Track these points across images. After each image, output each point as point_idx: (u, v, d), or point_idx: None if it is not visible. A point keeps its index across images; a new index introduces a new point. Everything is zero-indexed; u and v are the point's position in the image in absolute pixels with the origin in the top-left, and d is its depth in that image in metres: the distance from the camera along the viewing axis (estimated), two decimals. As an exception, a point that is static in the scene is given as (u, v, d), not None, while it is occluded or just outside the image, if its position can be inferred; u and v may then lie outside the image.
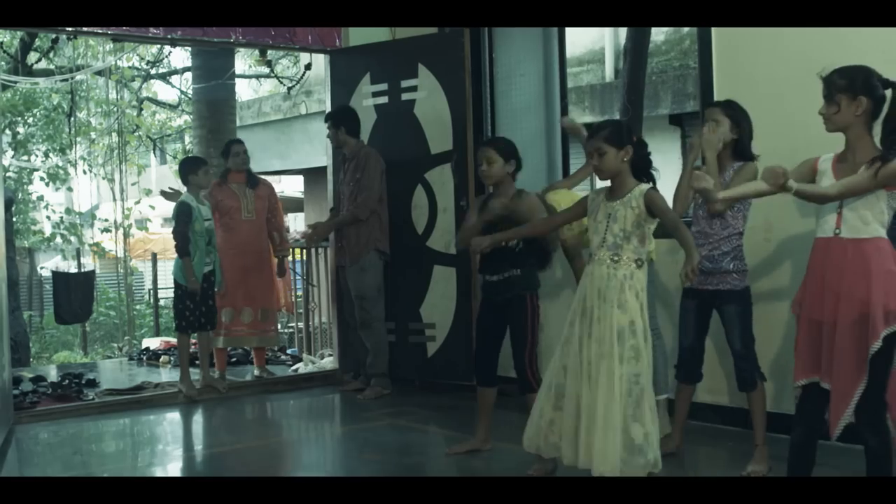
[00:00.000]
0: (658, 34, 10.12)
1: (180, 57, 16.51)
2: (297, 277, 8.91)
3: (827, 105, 3.39)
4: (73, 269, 11.92)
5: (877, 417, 3.33)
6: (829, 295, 3.35)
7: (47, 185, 15.11)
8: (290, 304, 8.08)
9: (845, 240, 3.34)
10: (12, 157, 14.63)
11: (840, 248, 3.35)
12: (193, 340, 6.61)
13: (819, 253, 3.43)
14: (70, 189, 15.68)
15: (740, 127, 4.31)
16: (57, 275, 10.44)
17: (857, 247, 3.32)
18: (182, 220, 6.30)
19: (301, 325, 8.71)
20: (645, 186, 3.85)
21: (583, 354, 3.83)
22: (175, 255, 6.46)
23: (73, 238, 14.54)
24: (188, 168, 6.53)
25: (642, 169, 3.92)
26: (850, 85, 3.34)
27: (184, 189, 6.55)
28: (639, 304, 3.81)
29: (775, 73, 4.86)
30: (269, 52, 7.73)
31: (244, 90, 19.21)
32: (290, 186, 18.66)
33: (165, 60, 15.70)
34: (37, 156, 15.46)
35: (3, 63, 12.05)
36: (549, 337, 5.22)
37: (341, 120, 6.45)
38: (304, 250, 8.41)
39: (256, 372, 7.05)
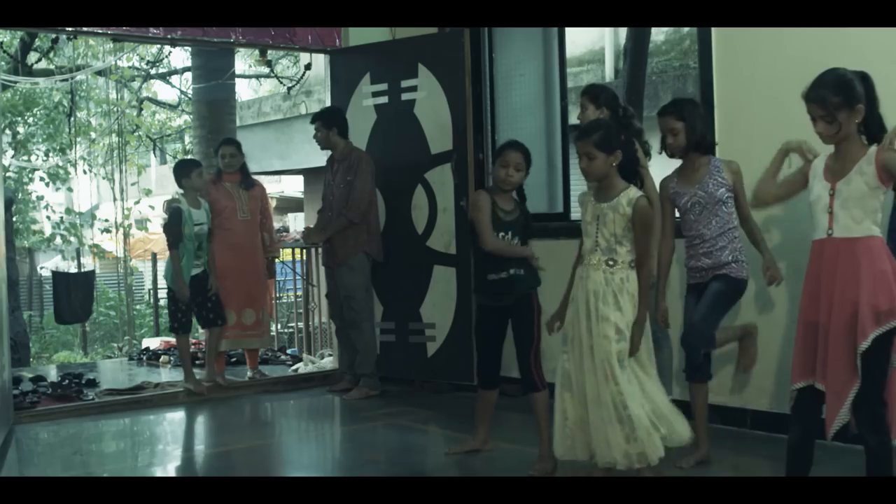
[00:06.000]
0: (658, 34, 10.11)
1: (180, 57, 16.51)
2: (298, 277, 8.93)
3: (828, 125, 3.32)
4: (73, 269, 11.93)
5: (875, 417, 3.33)
6: (824, 296, 3.36)
7: (47, 185, 15.11)
8: (271, 307, 8.07)
9: (837, 240, 3.34)
10: (12, 157, 14.63)
11: (833, 248, 3.35)
12: (194, 340, 6.60)
13: (815, 255, 3.44)
14: (70, 189, 15.68)
15: (693, 125, 4.33)
16: (57, 275, 10.45)
17: (848, 246, 3.32)
18: (172, 221, 6.31)
19: (301, 325, 8.72)
20: (634, 194, 3.87)
21: (586, 354, 3.84)
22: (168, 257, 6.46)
23: (73, 238, 14.54)
24: (181, 171, 6.48)
25: (630, 170, 3.94)
26: (846, 99, 3.30)
27: (179, 192, 6.56)
28: (632, 306, 3.85)
29: (775, 74, 4.86)
30: (269, 52, 7.71)
31: (244, 90, 19.24)
32: (290, 186, 18.66)
33: (165, 60, 15.71)
34: (37, 156, 15.46)
35: (3, 63, 12.04)
36: (549, 337, 5.20)
37: (333, 121, 6.39)
38: (304, 250, 8.41)
39: (249, 374, 7.04)
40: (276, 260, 7.49)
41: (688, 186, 4.39)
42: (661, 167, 4.57)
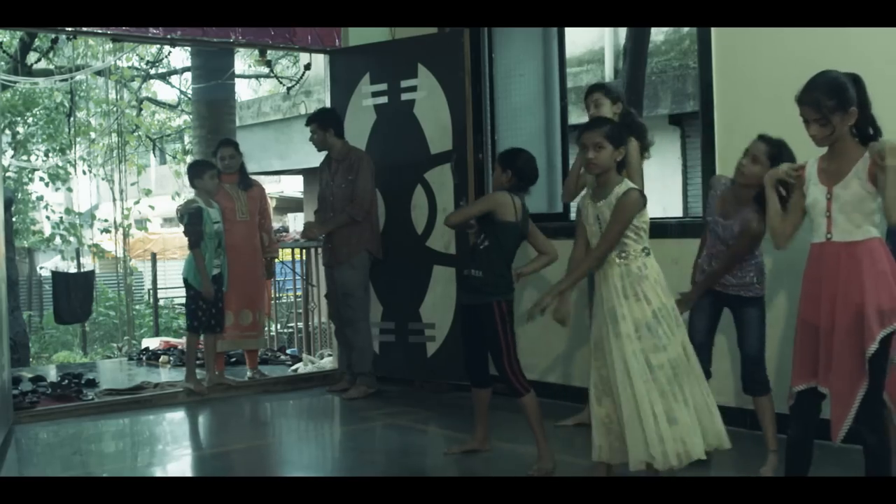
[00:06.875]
0: (658, 34, 10.12)
1: (180, 57, 16.53)
2: (297, 277, 8.93)
3: (822, 128, 3.32)
4: (73, 270, 11.92)
5: (875, 416, 3.33)
6: (825, 299, 3.35)
7: (47, 185, 15.11)
8: (270, 307, 8.07)
9: (838, 244, 3.34)
10: (12, 157, 14.63)
11: (833, 251, 3.35)
12: (199, 341, 6.61)
13: (814, 258, 3.43)
14: (70, 189, 15.67)
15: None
16: (57, 275, 10.44)
17: (849, 250, 3.31)
18: (193, 221, 6.32)
19: (301, 325, 8.72)
20: (625, 186, 3.89)
21: (614, 355, 3.83)
22: (183, 257, 6.46)
23: (72, 238, 14.53)
24: (194, 172, 6.52)
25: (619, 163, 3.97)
26: (840, 102, 3.29)
27: (192, 193, 6.58)
28: (659, 288, 3.84)
29: (775, 74, 4.86)
30: (268, 52, 7.71)
31: (244, 90, 19.24)
32: (290, 186, 18.68)
33: (165, 60, 15.70)
34: (37, 156, 15.47)
35: (3, 63, 12.04)
36: (556, 334, 5.21)
37: (329, 122, 6.39)
38: (304, 250, 8.41)
39: (249, 374, 7.04)
40: (276, 260, 7.49)
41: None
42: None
